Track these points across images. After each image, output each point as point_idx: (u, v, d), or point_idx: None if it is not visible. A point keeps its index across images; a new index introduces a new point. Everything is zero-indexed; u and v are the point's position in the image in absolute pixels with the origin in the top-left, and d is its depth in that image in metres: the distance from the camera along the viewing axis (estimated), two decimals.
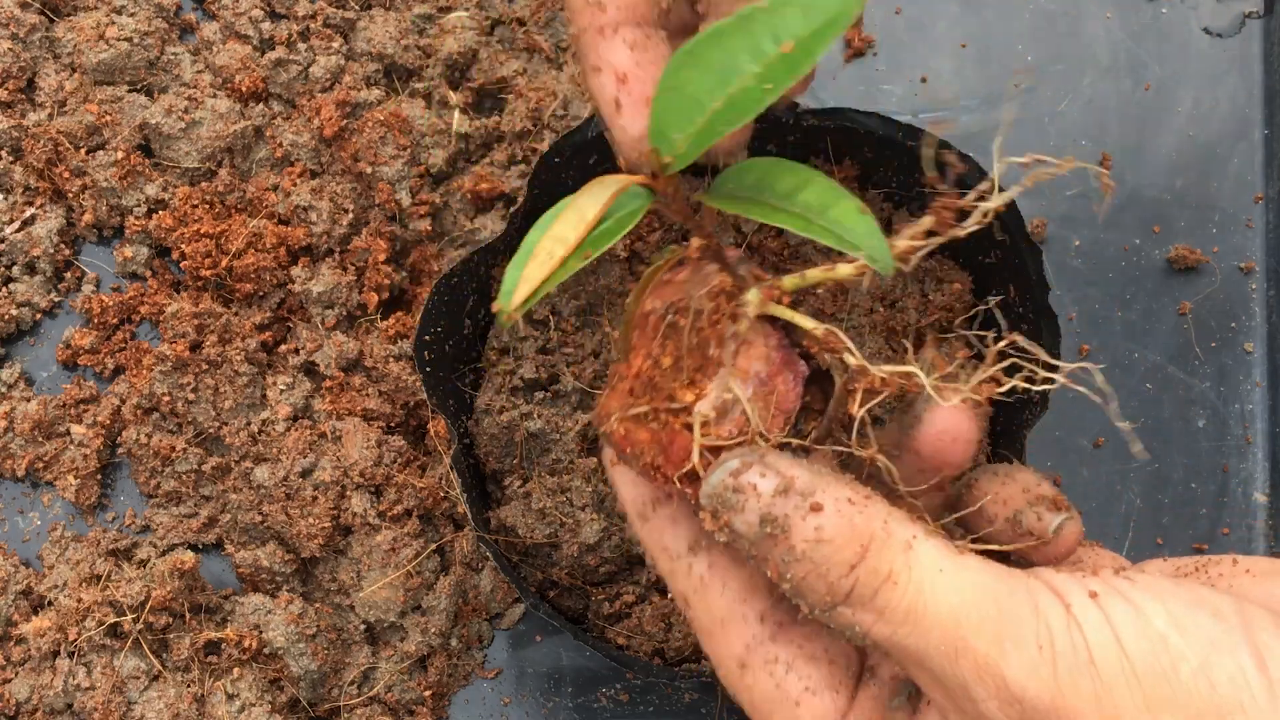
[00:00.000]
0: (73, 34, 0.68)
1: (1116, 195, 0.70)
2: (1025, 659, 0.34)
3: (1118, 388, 0.67)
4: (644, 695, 0.62)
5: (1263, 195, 0.70)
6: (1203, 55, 0.72)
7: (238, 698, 0.58)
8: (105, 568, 0.60)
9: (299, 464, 0.61)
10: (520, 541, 0.55)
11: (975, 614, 0.35)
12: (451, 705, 0.62)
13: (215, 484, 0.62)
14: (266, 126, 0.67)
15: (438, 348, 0.58)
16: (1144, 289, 0.68)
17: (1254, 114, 0.71)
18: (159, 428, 0.62)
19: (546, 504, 0.55)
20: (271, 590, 0.61)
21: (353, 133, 0.65)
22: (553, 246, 0.36)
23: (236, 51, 0.68)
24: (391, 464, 0.62)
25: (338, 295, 0.64)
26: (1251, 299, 0.68)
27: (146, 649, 0.58)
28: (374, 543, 0.61)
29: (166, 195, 0.66)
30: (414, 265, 0.66)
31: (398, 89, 0.69)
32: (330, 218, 0.64)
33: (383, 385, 0.63)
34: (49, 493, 0.64)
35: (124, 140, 0.66)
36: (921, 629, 0.35)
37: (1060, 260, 0.69)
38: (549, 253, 0.36)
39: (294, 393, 0.63)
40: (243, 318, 0.64)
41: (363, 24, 0.69)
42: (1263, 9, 0.73)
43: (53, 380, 0.65)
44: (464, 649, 0.62)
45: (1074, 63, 0.71)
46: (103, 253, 0.67)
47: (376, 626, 0.62)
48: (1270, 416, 0.67)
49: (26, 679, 0.58)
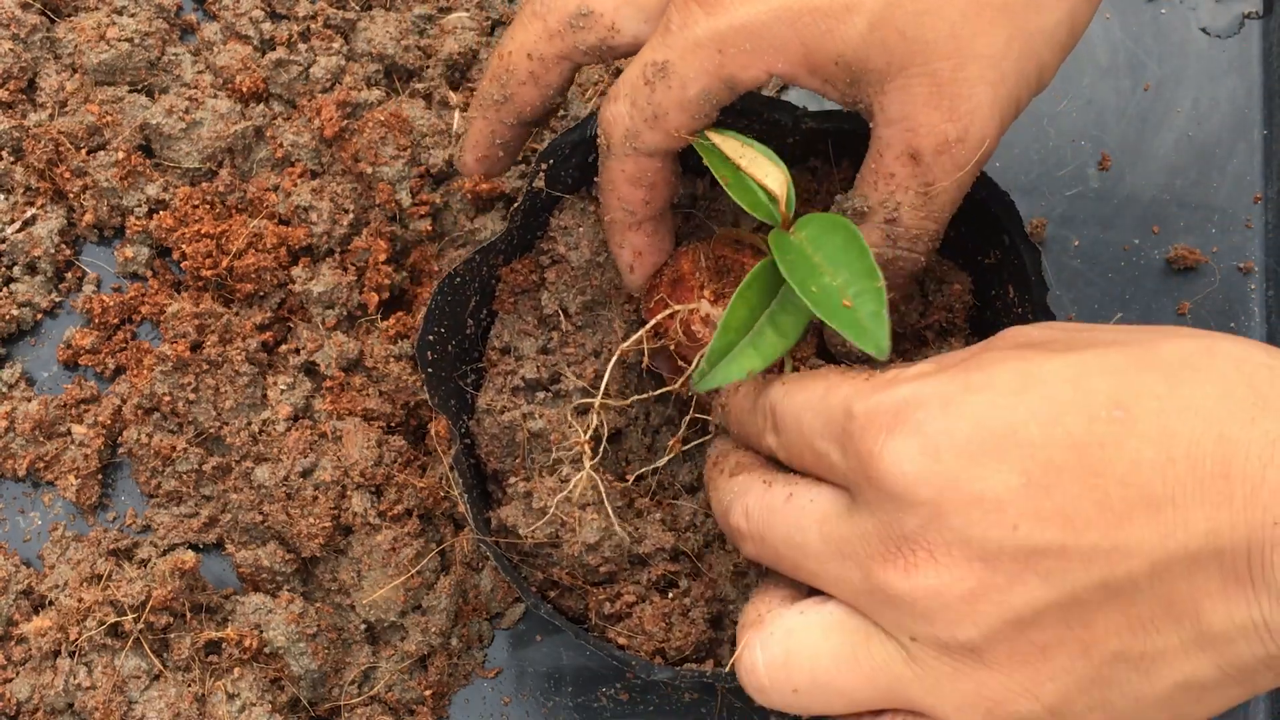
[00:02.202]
0: (73, 34, 0.68)
1: (1116, 195, 0.70)
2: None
3: None
4: (644, 695, 0.62)
5: (1262, 195, 0.70)
6: (1202, 55, 0.72)
7: (238, 697, 0.58)
8: (106, 567, 0.60)
9: (299, 464, 0.61)
10: (521, 542, 0.55)
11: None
12: (451, 705, 0.62)
13: (216, 484, 0.62)
14: (267, 127, 0.67)
15: (440, 348, 0.58)
16: (1143, 289, 0.68)
17: (1253, 114, 0.71)
18: (160, 428, 0.62)
19: (548, 503, 0.55)
20: (272, 590, 0.61)
21: (353, 133, 0.65)
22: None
23: (237, 52, 0.68)
24: (392, 464, 0.62)
25: (338, 295, 0.64)
26: (1251, 299, 0.68)
27: (147, 649, 0.58)
28: (374, 542, 0.61)
29: (167, 195, 0.66)
30: (414, 265, 0.66)
31: (398, 89, 0.69)
32: (330, 218, 0.64)
33: (383, 385, 0.64)
34: (50, 492, 0.64)
35: (125, 140, 0.66)
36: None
37: (1060, 260, 0.69)
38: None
39: (294, 393, 0.63)
40: (243, 318, 0.64)
41: (363, 24, 0.69)
42: (1262, 9, 0.73)
43: (53, 380, 0.66)
44: (464, 649, 0.63)
45: (1073, 63, 0.71)
46: (103, 253, 0.67)
47: (377, 626, 0.62)
48: None
49: (27, 678, 0.59)
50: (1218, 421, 0.38)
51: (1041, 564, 0.39)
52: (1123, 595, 0.39)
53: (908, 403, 0.41)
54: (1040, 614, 0.39)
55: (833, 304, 0.46)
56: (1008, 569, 0.39)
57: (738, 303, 0.49)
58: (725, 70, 0.49)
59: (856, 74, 0.48)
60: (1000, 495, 0.39)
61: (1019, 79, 0.48)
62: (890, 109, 0.48)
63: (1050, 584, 0.39)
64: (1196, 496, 0.38)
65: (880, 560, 0.41)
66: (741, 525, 0.48)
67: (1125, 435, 0.39)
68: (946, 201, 0.50)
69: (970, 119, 0.48)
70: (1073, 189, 0.70)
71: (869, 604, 0.43)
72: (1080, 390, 0.40)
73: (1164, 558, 0.38)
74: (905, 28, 0.47)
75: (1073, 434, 0.39)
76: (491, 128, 0.58)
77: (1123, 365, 0.40)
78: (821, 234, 0.49)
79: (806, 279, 0.47)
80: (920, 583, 0.40)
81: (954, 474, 0.40)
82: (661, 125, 0.51)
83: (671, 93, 0.50)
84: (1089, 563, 0.39)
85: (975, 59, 0.47)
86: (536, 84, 0.56)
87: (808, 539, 0.44)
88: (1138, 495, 0.38)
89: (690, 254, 0.56)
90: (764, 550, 0.47)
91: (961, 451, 0.40)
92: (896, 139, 0.49)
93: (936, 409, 0.41)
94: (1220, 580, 0.38)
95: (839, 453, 0.43)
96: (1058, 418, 0.39)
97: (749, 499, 0.48)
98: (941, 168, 0.49)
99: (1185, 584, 0.38)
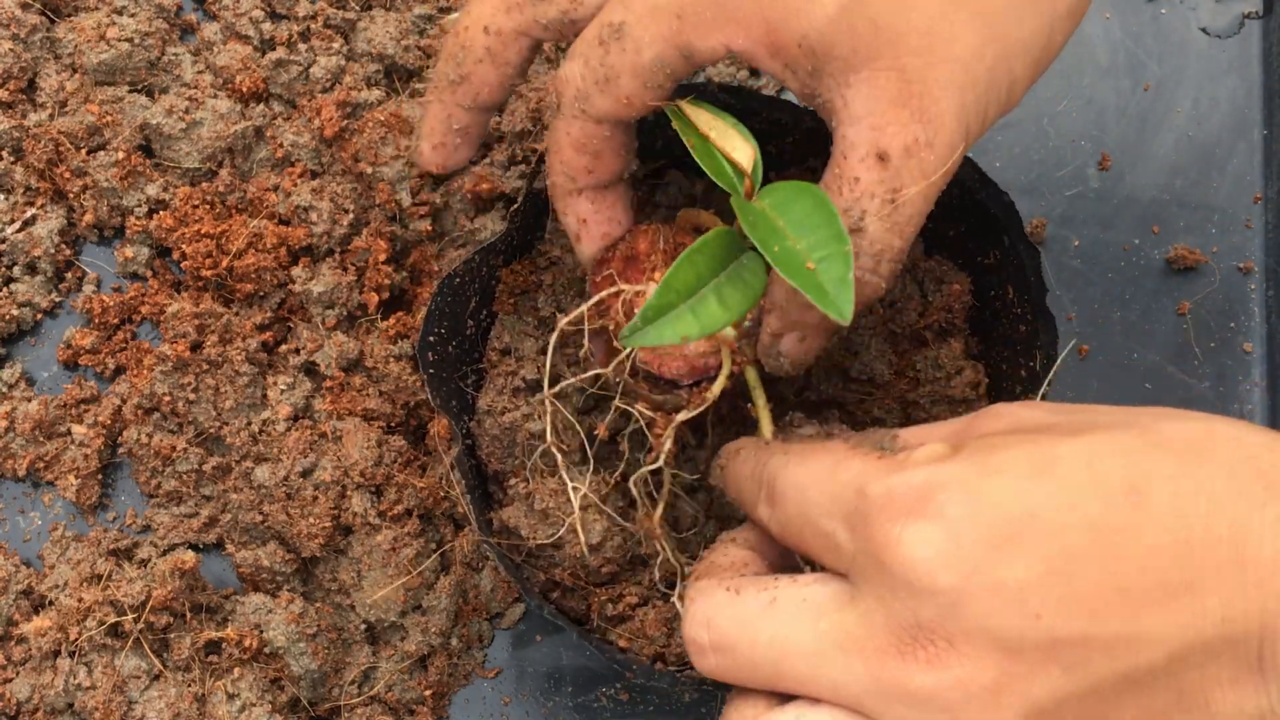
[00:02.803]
0: (73, 34, 0.68)
1: (1116, 195, 0.70)
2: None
3: (1117, 388, 0.67)
4: (644, 695, 0.62)
5: (1262, 195, 0.70)
6: (1202, 55, 0.72)
7: (238, 697, 0.58)
8: (106, 567, 0.60)
9: (299, 464, 0.61)
10: (524, 543, 0.55)
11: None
12: (451, 705, 0.62)
13: (216, 484, 0.62)
14: (267, 127, 0.67)
15: (441, 349, 0.58)
16: (1143, 289, 0.68)
17: (1253, 114, 0.71)
18: (160, 428, 0.62)
19: (549, 505, 0.55)
20: (272, 590, 0.61)
21: (353, 133, 0.65)
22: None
23: (237, 52, 0.68)
24: (392, 464, 0.62)
25: (338, 295, 0.64)
26: (1251, 299, 0.68)
27: (147, 649, 0.58)
28: (374, 542, 0.61)
29: (167, 195, 0.66)
30: (414, 265, 0.66)
31: (398, 89, 0.69)
32: (330, 218, 0.64)
33: (383, 385, 0.64)
34: (50, 492, 0.64)
35: (125, 140, 0.66)
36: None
37: (1059, 260, 0.69)
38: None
39: (294, 393, 0.63)
40: (243, 318, 0.64)
41: (363, 24, 0.69)
42: (1262, 9, 0.73)
43: (53, 380, 0.66)
44: (464, 649, 0.63)
45: (1073, 63, 0.71)
46: (103, 253, 0.67)
47: (377, 626, 0.62)
48: (1270, 417, 0.67)
49: (27, 678, 0.59)
50: (1229, 505, 0.37)
51: (1064, 654, 0.38)
52: (1141, 686, 0.38)
53: (929, 486, 0.39)
54: (1061, 704, 0.38)
55: (796, 264, 0.44)
56: (1030, 659, 0.38)
57: (685, 264, 0.47)
58: (682, 37, 0.47)
59: (820, 61, 0.46)
60: (1023, 583, 0.38)
61: (990, 89, 0.46)
62: (855, 104, 0.45)
63: (1072, 675, 0.38)
64: (1213, 583, 0.37)
65: (895, 653, 0.39)
66: (700, 636, 0.44)
67: (1143, 520, 0.38)
68: (913, 214, 0.46)
69: (939, 122, 0.45)
70: (1073, 189, 0.70)
71: (876, 703, 0.40)
72: (1095, 473, 0.38)
73: (1181, 648, 0.37)
74: (878, 15, 0.44)
75: (1090, 519, 0.38)
76: (447, 111, 0.55)
77: (1133, 447, 0.39)
78: (788, 200, 0.46)
79: (769, 239, 0.46)
80: (942, 676, 0.38)
81: (976, 561, 0.38)
82: (612, 90, 0.49)
83: (625, 56, 0.48)
84: (1111, 653, 0.38)
85: (948, 60, 0.45)
86: (494, 62, 0.53)
87: (799, 638, 0.41)
88: (1156, 582, 0.37)
89: (648, 234, 0.54)
90: (731, 661, 0.43)
91: (983, 538, 0.38)
92: (862, 139, 0.45)
93: (957, 494, 0.39)
94: (1232, 670, 0.37)
95: (847, 534, 0.41)
96: (1075, 503, 0.38)
97: (709, 609, 0.44)
98: (910, 173, 0.45)
99: (1198, 674, 0.37)
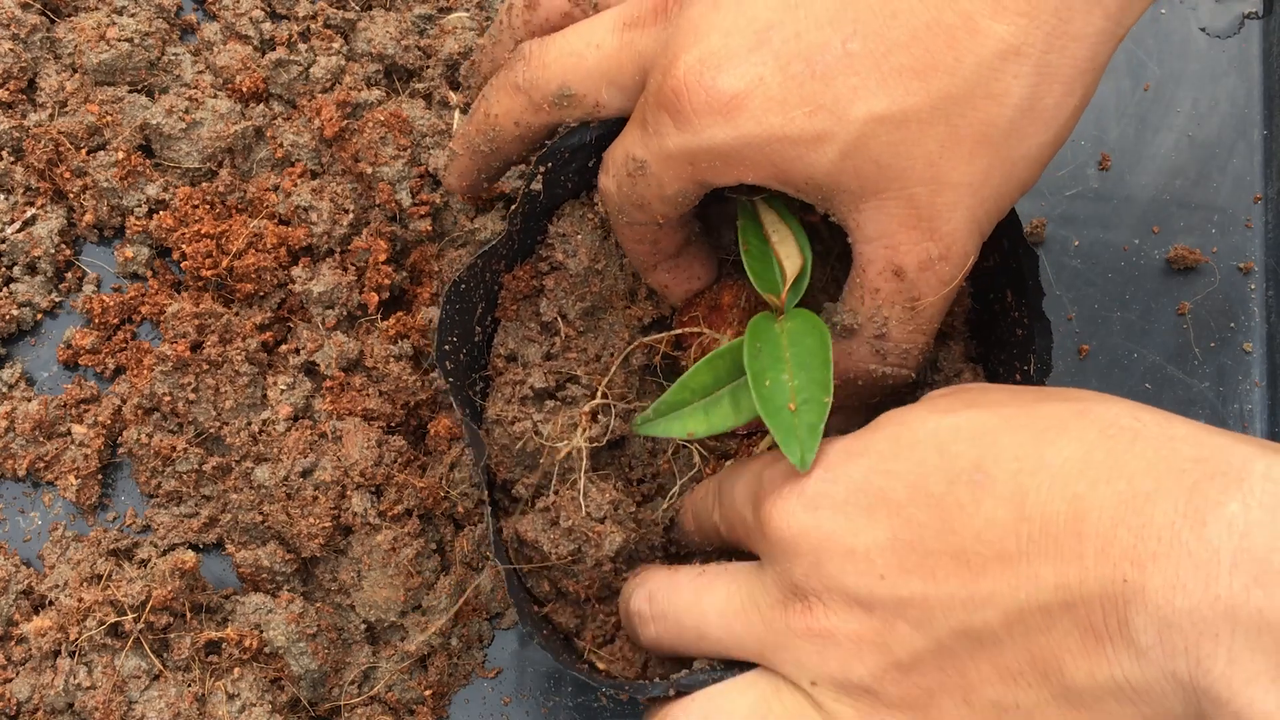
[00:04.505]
0: (73, 34, 0.68)
1: (1116, 195, 0.70)
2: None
3: (1117, 388, 0.67)
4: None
5: (1262, 195, 0.70)
6: (1202, 56, 0.72)
7: (238, 697, 0.58)
8: (106, 567, 0.60)
9: (299, 464, 0.61)
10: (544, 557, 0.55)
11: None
12: (451, 705, 0.62)
13: (216, 484, 0.62)
14: (267, 127, 0.67)
15: (455, 357, 0.58)
16: (1143, 289, 0.68)
17: (1253, 114, 0.71)
18: (160, 428, 0.62)
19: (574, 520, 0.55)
20: (272, 590, 0.61)
21: (353, 133, 0.65)
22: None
23: (237, 52, 0.68)
24: (392, 464, 0.62)
25: (338, 295, 0.64)
26: (1251, 299, 0.68)
27: (147, 648, 0.58)
28: (374, 542, 0.61)
29: (167, 195, 0.66)
30: (414, 265, 0.66)
31: (398, 89, 0.69)
32: (330, 218, 0.64)
33: (383, 385, 0.64)
34: (50, 493, 0.64)
35: (125, 141, 0.66)
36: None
37: (1059, 260, 0.69)
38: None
39: (294, 393, 0.63)
40: (243, 318, 0.64)
41: (363, 24, 0.69)
42: (1262, 9, 0.73)
43: (53, 380, 0.66)
44: (464, 648, 0.63)
45: None
46: (103, 253, 0.67)
47: (377, 626, 0.62)
48: (1269, 416, 0.67)
49: (27, 678, 0.59)
50: (1071, 482, 0.40)
51: (909, 612, 0.42)
52: (986, 644, 0.41)
53: (800, 469, 0.47)
54: (917, 659, 0.43)
55: (777, 402, 0.48)
56: (881, 614, 0.43)
57: (704, 367, 0.51)
58: (699, 177, 0.50)
59: (829, 193, 0.48)
60: (870, 549, 0.43)
61: (998, 201, 0.48)
62: (867, 227, 0.48)
63: (919, 631, 0.42)
64: (1048, 552, 0.40)
65: (780, 606, 0.46)
66: (643, 609, 0.52)
67: (983, 496, 0.41)
68: (934, 314, 0.50)
69: (952, 239, 0.48)
70: (1072, 189, 0.70)
71: (773, 652, 0.46)
72: (946, 455, 0.43)
73: (1016, 608, 0.40)
74: (879, 156, 0.46)
75: (935, 496, 0.42)
76: (478, 166, 0.59)
77: (991, 428, 0.43)
78: (803, 331, 0.50)
79: (765, 371, 0.49)
80: (812, 623, 0.45)
81: (830, 529, 0.44)
82: (646, 210, 0.53)
83: (651, 189, 0.51)
84: (948, 611, 0.42)
85: (955, 186, 0.47)
86: (523, 142, 0.57)
87: (715, 601, 0.49)
88: (992, 551, 0.41)
89: (734, 289, 0.57)
90: (665, 627, 0.51)
91: (838, 510, 0.44)
92: (878, 256, 0.49)
93: (819, 473, 0.46)
94: (1079, 636, 0.39)
95: (752, 515, 0.48)
96: (921, 482, 0.43)
97: (651, 585, 0.52)
98: (927, 283, 0.49)
99: (1044, 637, 0.40)
